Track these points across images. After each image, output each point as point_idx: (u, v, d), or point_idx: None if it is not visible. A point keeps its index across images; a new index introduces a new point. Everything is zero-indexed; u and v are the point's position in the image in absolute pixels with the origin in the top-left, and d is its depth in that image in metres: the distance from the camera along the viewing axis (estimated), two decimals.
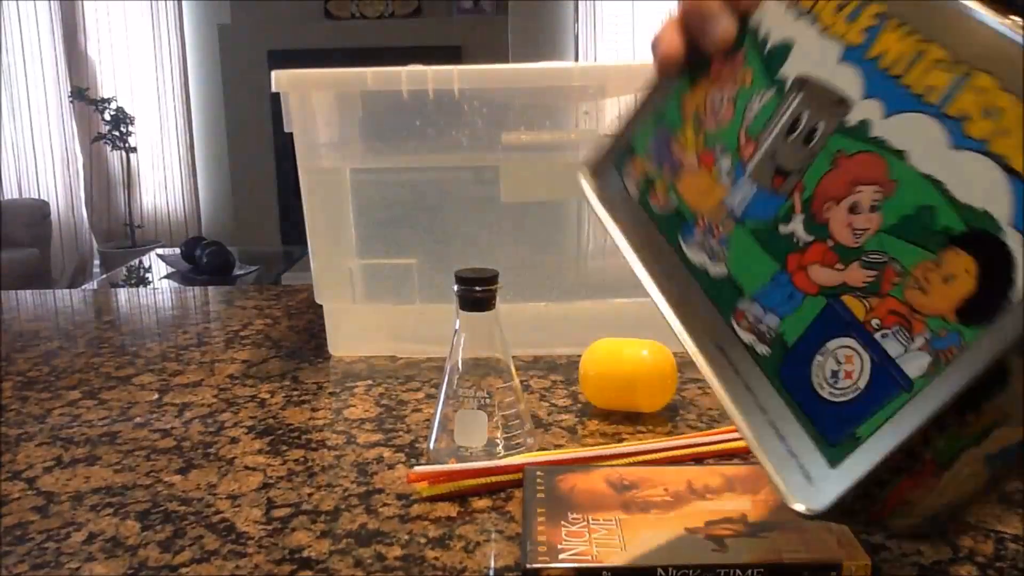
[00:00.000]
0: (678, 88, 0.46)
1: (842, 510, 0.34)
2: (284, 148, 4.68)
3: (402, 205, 0.85)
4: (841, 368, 0.35)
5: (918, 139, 0.34)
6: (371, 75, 0.79)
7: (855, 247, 0.36)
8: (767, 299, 0.39)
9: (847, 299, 0.35)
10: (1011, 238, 0.31)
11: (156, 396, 0.78)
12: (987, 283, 0.31)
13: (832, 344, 0.36)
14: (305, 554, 0.51)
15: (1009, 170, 0.31)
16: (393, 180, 0.86)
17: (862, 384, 0.34)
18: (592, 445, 0.65)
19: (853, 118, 0.37)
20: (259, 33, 4.65)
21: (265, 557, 0.50)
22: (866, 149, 0.36)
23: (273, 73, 0.79)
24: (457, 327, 0.62)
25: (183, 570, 0.49)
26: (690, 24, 0.45)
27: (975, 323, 0.31)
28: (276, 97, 0.81)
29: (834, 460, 0.34)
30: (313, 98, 0.82)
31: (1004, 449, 0.35)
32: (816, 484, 0.34)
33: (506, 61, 4.48)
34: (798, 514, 0.34)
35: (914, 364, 0.33)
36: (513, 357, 0.64)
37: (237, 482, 0.60)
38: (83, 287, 3.78)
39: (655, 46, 0.46)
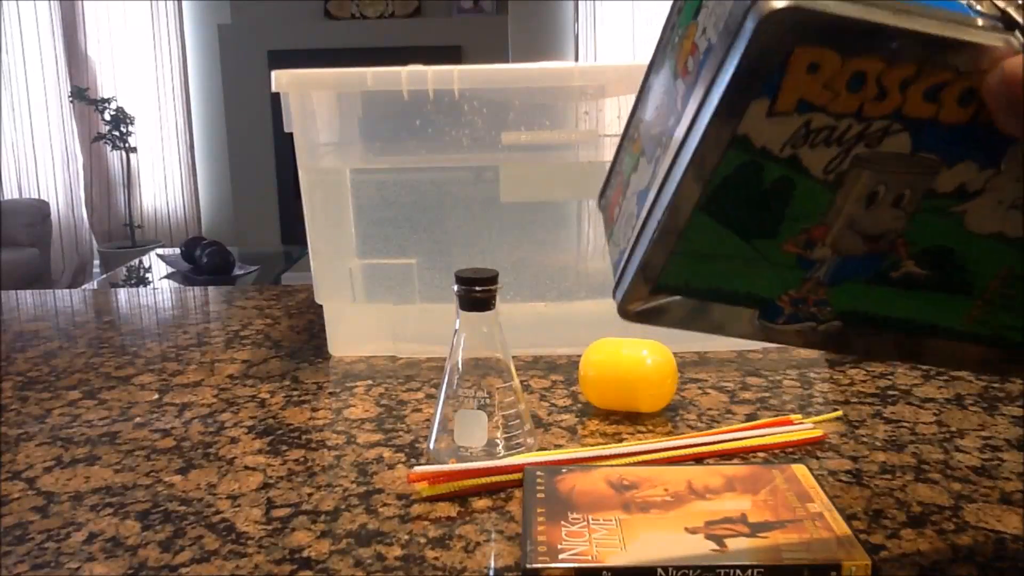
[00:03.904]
0: None
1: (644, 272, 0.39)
2: (284, 148, 4.68)
3: (402, 205, 0.85)
4: None
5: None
6: (371, 75, 0.79)
7: None
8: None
9: None
10: None
11: (156, 396, 0.78)
12: None
13: None
14: (305, 554, 0.51)
15: None
16: (393, 180, 0.86)
17: None
18: (592, 445, 0.65)
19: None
20: (259, 33, 4.65)
21: (265, 557, 0.50)
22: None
23: (273, 73, 0.79)
24: (457, 327, 0.62)
25: (183, 570, 0.49)
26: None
27: None
28: (276, 97, 0.81)
29: None
30: (313, 98, 0.82)
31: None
32: None
33: (506, 61, 4.48)
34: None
35: None
36: (513, 357, 0.64)
37: (237, 482, 0.60)
38: (83, 287, 3.78)
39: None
